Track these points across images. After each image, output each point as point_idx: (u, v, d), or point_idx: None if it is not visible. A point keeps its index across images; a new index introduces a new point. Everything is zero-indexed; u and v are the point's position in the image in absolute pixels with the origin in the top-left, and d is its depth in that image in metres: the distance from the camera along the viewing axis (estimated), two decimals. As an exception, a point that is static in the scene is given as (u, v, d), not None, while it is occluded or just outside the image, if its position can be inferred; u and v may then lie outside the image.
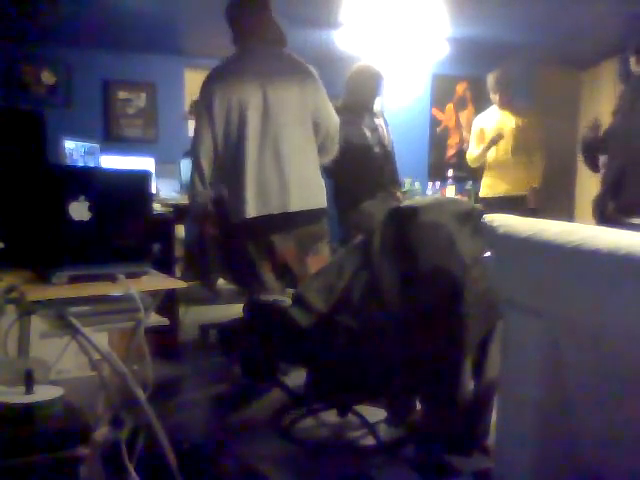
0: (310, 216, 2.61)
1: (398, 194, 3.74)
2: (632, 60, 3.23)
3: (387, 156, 3.75)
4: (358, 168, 3.49)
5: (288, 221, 2.56)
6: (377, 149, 3.66)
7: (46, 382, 1.62)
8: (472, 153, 4.41)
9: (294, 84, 2.56)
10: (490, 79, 4.31)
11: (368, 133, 3.63)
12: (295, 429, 2.38)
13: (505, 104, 4.31)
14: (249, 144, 2.50)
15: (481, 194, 4.45)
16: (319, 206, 2.64)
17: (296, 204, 2.54)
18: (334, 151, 2.77)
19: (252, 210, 2.51)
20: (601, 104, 5.25)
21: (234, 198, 2.56)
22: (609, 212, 3.09)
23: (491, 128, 4.30)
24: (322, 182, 2.70)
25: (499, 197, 4.26)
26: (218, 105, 2.52)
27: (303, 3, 2.68)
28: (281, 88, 2.53)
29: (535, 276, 1.34)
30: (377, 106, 3.91)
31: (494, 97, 4.32)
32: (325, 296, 2.04)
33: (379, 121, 3.80)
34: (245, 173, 2.50)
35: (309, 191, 2.60)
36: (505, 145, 4.24)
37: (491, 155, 4.30)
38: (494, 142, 4.21)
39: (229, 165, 2.58)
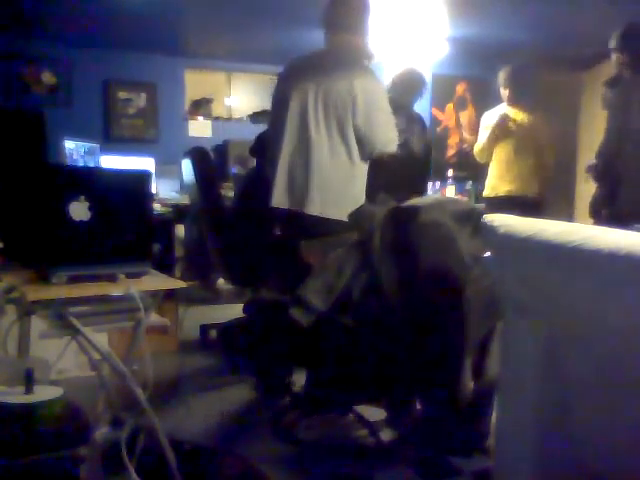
0: (335, 225, 2.44)
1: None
2: (616, 58, 3.18)
3: (410, 161, 3.61)
4: (370, 168, 3.40)
5: (313, 224, 2.47)
6: (398, 151, 3.55)
7: (46, 382, 1.63)
8: (479, 144, 4.36)
9: (344, 91, 2.45)
10: (501, 75, 4.26)
11: None
12: (295, 429, 2.38)
13: (514, 101, 4.25)
14: (286, 140, 2.50)
15: (484, 194, 4.42)
16: (341, 218, 2.41)
17: (314, 208, 2.46)
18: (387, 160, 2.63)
19: (276, 200, 2.49)
20: (601, 104, 5.25)
21: (268, 186, 2.55)
22: (604, 218, 3.08)
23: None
24: (357, 194, 2.53)
25: (501, 197, 4.22)
26: (276, 99, 2.61)
27: (303, 3, 2.67)
28: (330, 92, 2.46)
29: (535, 276, 1.34)
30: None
31: (504, 93, 4.27)
32: (325, 296, 2.04)
33: (412, 125, 3.69)
34: (278, 164, 2.50)
35: (332, 198, 2.48)
36: (509, 144, 4.20)
37: (496, 154, 4.27)
38: (501, 123, 4.17)
39: (270, 160, 2.60)
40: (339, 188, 2.51)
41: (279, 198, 2.50)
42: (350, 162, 2.51)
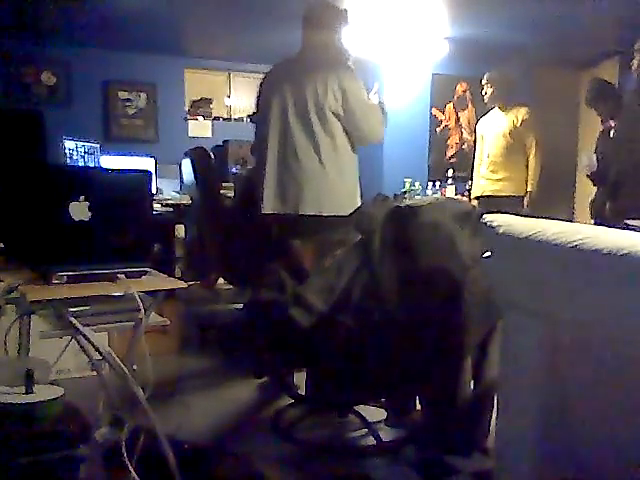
0: (329, 222, 2.51)
1: None
2: (636, 60, 3.17)
3: None
4: None
5: (308, 224, 2.52)
6: None
7: (46, 382, 1.62)
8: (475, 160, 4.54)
9: (319, 85, 2.50)
10: (484, 80, 4.34)
11: None
12: (295, 429, 2.38)
13: (497, 104, 4.33)
14: (270, 144, 2.57)
15: (473, 194, 4.51)
16: (338, 212, 2.52)
17: (308, 208, 2.51)
18: (371, 139, 2.65)
19: (268, 207, 2.55)
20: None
21: (257, 193, 2.61)
22: (607, 214, 3.09)
23: (487, 132, 4.38)
24: (349, 186, 2.59)
25: (489, 196, 4.31)
26: (260, 104, 2.70)
27: (303, 3, 2.68)
28: (309, 92, 2.51)
29: (535, 276, 1.34)
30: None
31: (487, 97, 4.35)
32: (325, 296, 2.04)
33: None
34: (265, 171, 2.56)
35: (325, 195, 2.53)
36: (496, 145, 4.27)
37: (483, 155, 4.36)
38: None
39: (256, 162, 2.68)
40: (330, 184, 2.55)
41: (270, 204, 2.55)
42: (337, 156, 2.56)
